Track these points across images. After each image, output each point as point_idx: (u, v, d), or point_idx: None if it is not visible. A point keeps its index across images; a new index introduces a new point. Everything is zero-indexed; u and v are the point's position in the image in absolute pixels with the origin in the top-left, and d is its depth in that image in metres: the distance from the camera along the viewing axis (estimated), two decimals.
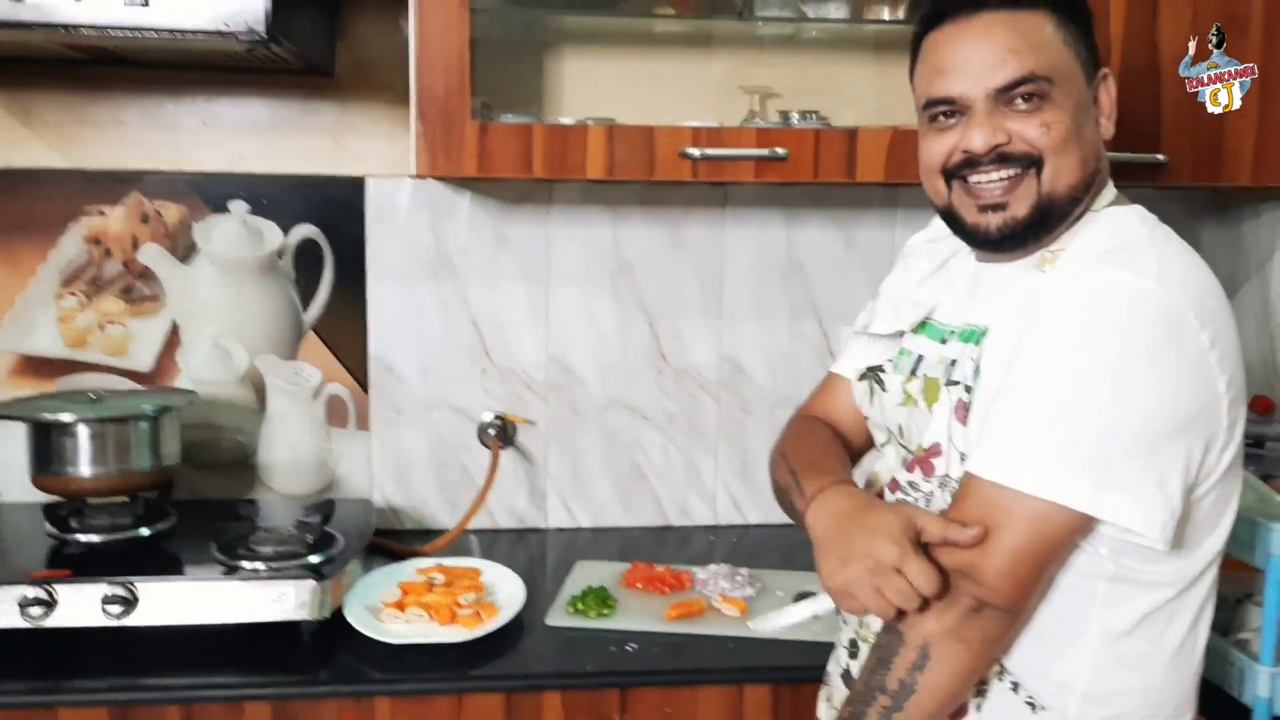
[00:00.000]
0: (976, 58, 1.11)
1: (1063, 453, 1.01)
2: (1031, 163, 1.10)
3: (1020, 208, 1.12)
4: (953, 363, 1.16)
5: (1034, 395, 1.03)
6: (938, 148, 1.16)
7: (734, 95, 1.90)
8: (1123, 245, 1.08)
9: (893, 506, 1.10)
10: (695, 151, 1.61)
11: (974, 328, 1.17)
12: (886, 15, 1.85)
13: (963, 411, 1.12)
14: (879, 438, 1.29)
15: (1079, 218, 1.15)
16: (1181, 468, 1.02)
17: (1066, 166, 1.10)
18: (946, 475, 1.14)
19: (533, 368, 2.02)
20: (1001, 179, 1.12)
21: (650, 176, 1.63)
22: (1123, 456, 1.00)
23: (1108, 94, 1.17)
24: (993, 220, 1.13)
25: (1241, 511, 1.14)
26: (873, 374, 1.27)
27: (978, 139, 1.11)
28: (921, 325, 1.26)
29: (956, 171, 1.14)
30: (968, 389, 1.12)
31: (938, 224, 1.31)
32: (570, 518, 2.07)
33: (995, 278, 1.19)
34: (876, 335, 1.31)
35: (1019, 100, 1.10)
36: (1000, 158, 1.11)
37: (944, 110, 1.14)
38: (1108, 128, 1.17)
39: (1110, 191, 1.17)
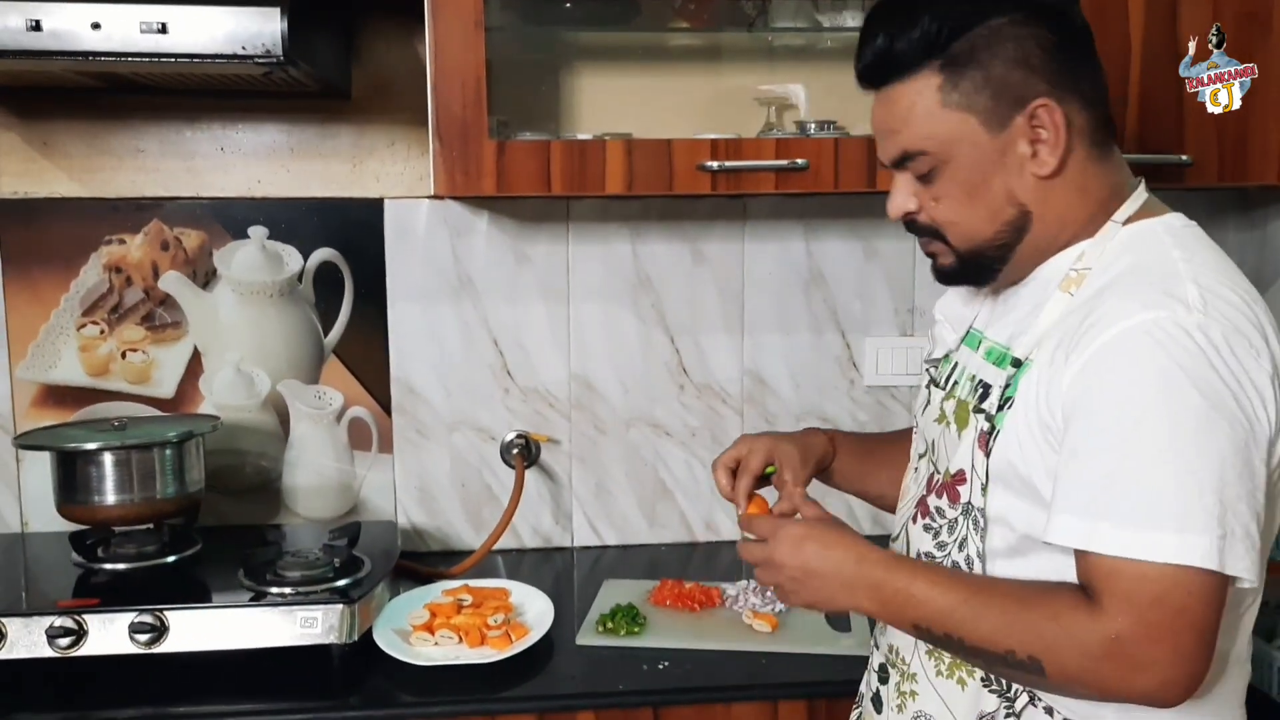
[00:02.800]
0: (877, 133, 1.16)
1: (1189, 514, 0.95)
2: (935, 234, 1.15)
3: (945, 260, 1.17)
4: (983, 389, 1.14)
5: (1126, 459, 0.97)
6: None
7: (750, 107, 1.89)
8: (1160, 274, 1.03)
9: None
10: (714, 164, 1.61)
11: (1000, 349, 1.15)
12: None
13: (984, 440, 1.10)
14: (919, 447, 1.27)
15: (1094, 230, 1.11)
16: (1259, 499, 0.98)
17: (966, 229, 1.12)
18: (969, 503, 1.12)
19: (555, 386, 2.01)
20: (926, 240, 1.18)
21: (669, 190, 1.62)
22: (1221, 505, 0.95)
23: (1051, 122, 1.07)
24: (933, 267, 1.20)
25: None
26: (934, 384, 1.27)
27: (889, 207, 1.17)
28: (966, 334, 1.25)
29: None
30: (989, 418, 1.10)
31: None
32: (596, 536, 2.06)
33: (1019, 288, 1.17)
34: (935, 362, 1.31)
35: (911, 171, 1.13)
36: (910, 224, 1.17)
37: None
38: (1049, 162, 1.07)
39: (1137, 199, 1.12)
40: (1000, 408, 1.09)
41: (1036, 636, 0.99)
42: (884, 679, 1.24)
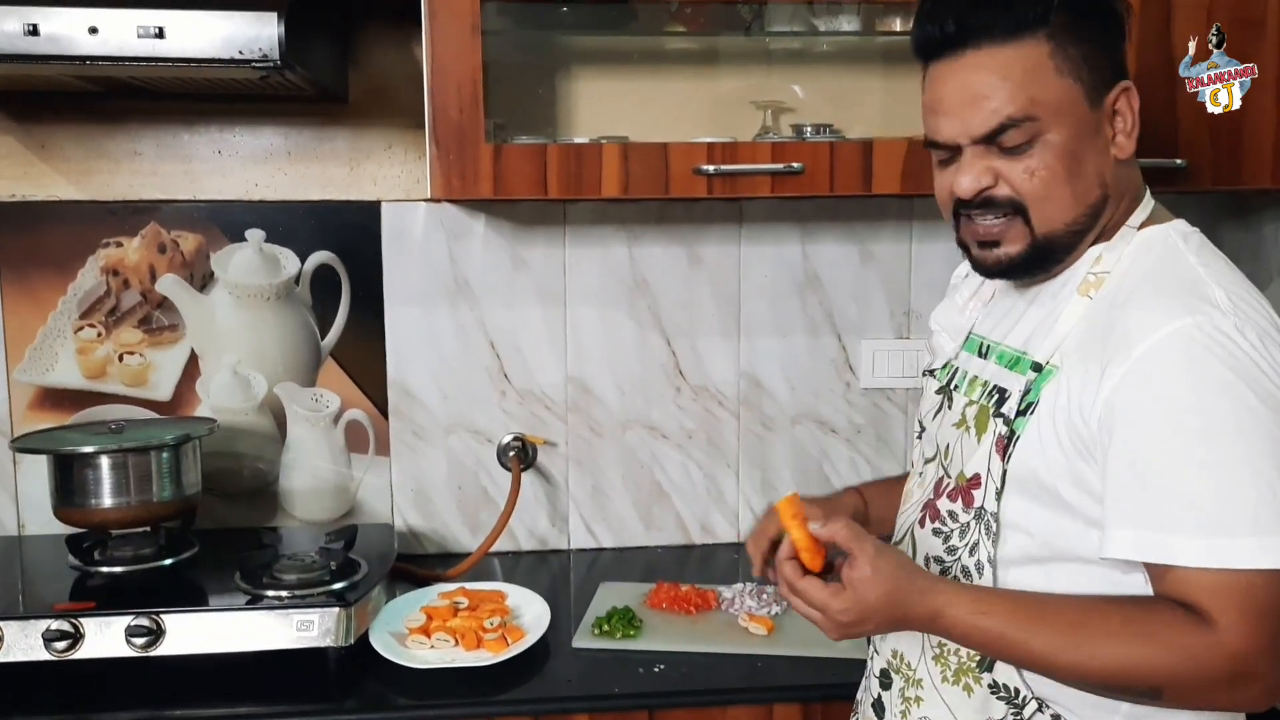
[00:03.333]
0: (961, 102, 1.08)
1: (1260, 516, 0.95)
2: (1017, 209, 1.09)
3: (1013, 247, 1.11)
4: (999, 394, 1.14)
5: (1188, 467, 0.97)
6: (941, 187, 1.15)
7: (747, 111, 1.89)
8: (1183, 279, 1.05)
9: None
10: (710, 168, 1.61)
11: (1014, 353, 1.15)
12: (898, 26, 1.84)
13: (1001, 445, 1.10)
14: (927, 453, 1.27)
15: (1111, 233, 1.12)
16: None
17: (1056, 208, 1.08)
18: (982, 508, 1.12)
19: (551, 388, 2.02)
20: (995, 223, 1.11)
21: (665, 194, 1.63)
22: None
23: (1129, 108, 1.10)
24: (988, 256, 1.13)
25: None
26: (947, 390, 1.27)
27: (963, 184, 1.10)
28: (966, 340, 1.25)
29: (958, 209, 1.13)
30: (1008, 423, 1.10)
31: None
32: (592, 538, 2.06)
33: (1028, 298, 1.18)
34: (934, 371, 1.32)
35: (1005, 143, 1.07)
36: (986, 202, 1.10)
37: (942, 152, 1.14)
38: (1125, 146, 1.10)
39: (1147, 205, 1.14)
40: (1021, 413, 1.09)
41: (1157, 670, 0.97)
42: (886, 684, 1.24)
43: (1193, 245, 1.10)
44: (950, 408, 1.24)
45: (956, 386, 1.24)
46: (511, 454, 1.99)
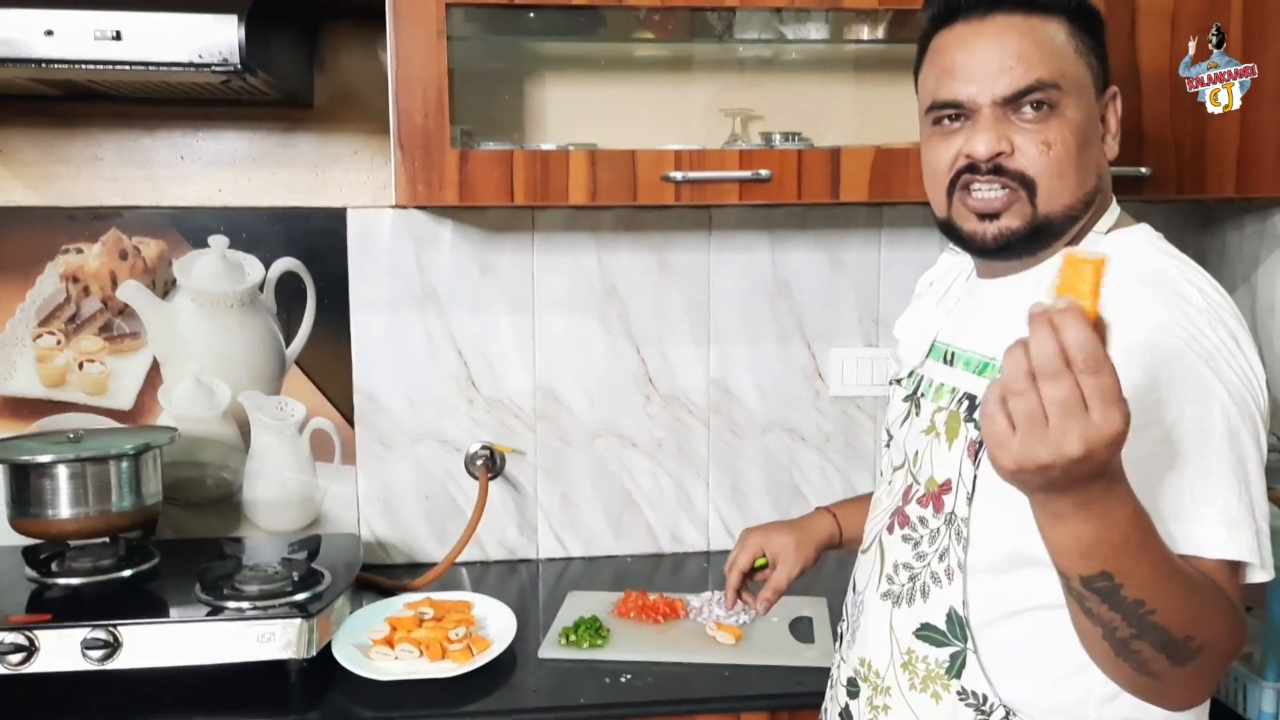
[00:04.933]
0: (986, 62, 1.08)
1: (1233, 510, 0.97)
2: (1025, 184, 1.08)
3: (1014, 221, 1.09)
4: (969, 400, 1.14)
5: (1174, 459, 0.97)
6: (943, 154, 1.12)
7: (716, 118, 1.89)
8: (1155, 278, 1.06)
9: None
10: (678, 175, 1.60)
11: (980, 358, 1.15)
12: (866, 35, 1.85)
13: (973, 450, 1.10)
14: (895, 460, 1.27)
15: (1079, 237, 1.13)
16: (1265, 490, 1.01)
17: (1061, 189, 1.08)
18: (953, 513, 1.11)
19: (520, 396, 2.00)
20: (999, 193, 1.09)
21: (633, 201, 1.62)
22: (1252, 501, 0.98)
23: (1114, 113, 1.14)
24: (989, 229, 1.10)
25: None
26: (914, 398, 1.26)
27: (980, 144, 1.08)
28: (930, 348, 1.25)
29: (957, 180, 1.11)
30: (978, 427, 1.10)
31: (944, 260, 1.30)
32: (561, 547, 2.05)
33: (997, 298, 1.17)
34: (900, 380, 1.31)
35: (1027, 108, 1.07)
36: (998, 169, 1.08)
37: (949, 113, 1.11)
38: (1113, 147, 1.14)
39: (1115, 211, 1.16)
40: None
41: (1210, 628, 0.93)
42: (853, 693, 1.23)
43: (1160, 246, 1.12)
44: (918, 415, 1.23)
45: (924, 394, 1.23)
46: (479, 463, 1.98)
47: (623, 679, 1.50)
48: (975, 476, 1.09)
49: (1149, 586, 0.88)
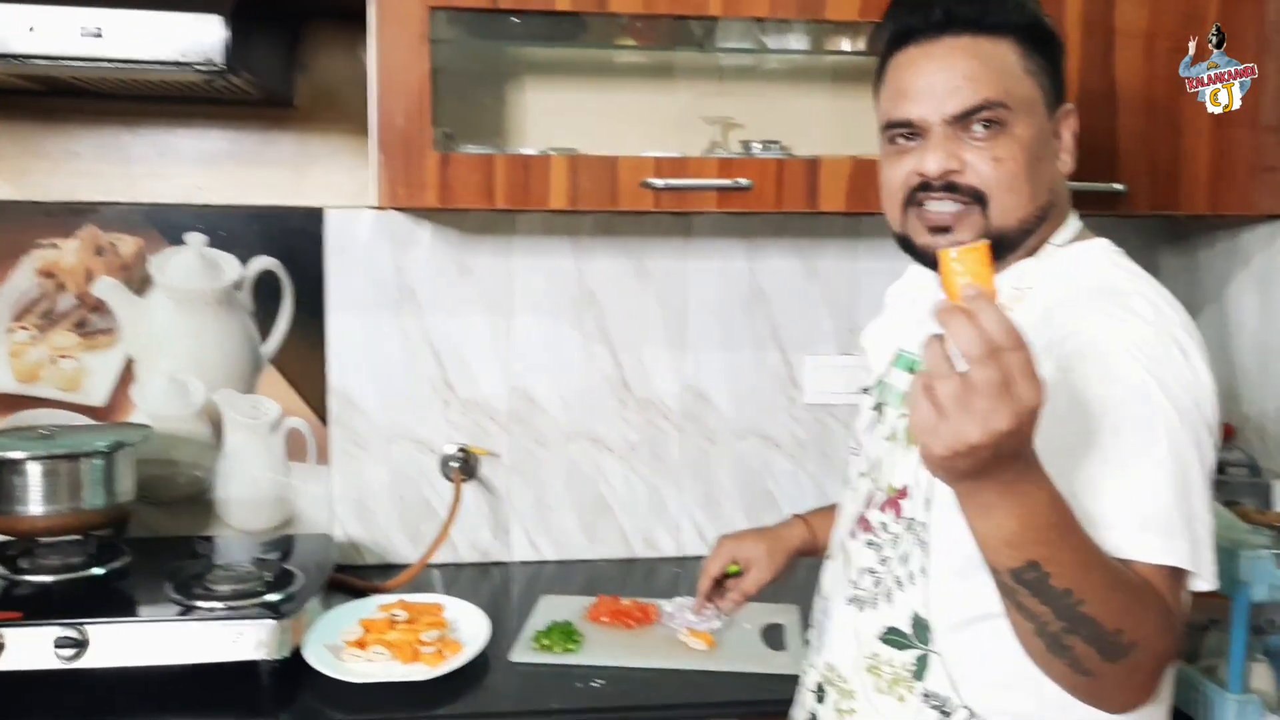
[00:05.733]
0: (936, 82, 1.12)
1: (1173, 519, 0.99)
2: (977, 198, 1.11)
3: (966, 234, 1.11)
4: None
5: (1107, 464, 1.00)
6: (897, 172, 1.16)
7: (696, 126, 1.90)
8: (1107, 290, 1.09)
9: None
10: (658, 181, 1.61)
11: None
12: (846, 46, 1.86)
13: None
14: (859, 468, 1.28)
15: (1035, 250, 1.15)
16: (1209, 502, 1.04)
17: (1014, 202, 1.11)
18: (912, 519, 1.13)
19: (495, 399, 2.01)
20: (950, 209, 1.12)
21: (613, 206, 1.63)
22: (1191, 511, 1.00)
23: (1070, 129, 1.17)
24: (940, 242, 1.13)
25: None
26: (879, 407, 1.28)
27: (931, 162, 1.11)
28: (896, 358, 1.26)
29: (911, 198, 1.15)
30: None
31: (912, 270, 1.32)
32: (534, 550, 2.05)
33: None
34: (868, 388, 1.33)
35: (977, 126, 1.10)
36: (949, 186, 1.11)
37: (903, 132, 1.15)
38: (1067, 162, 1.17)
39: (1073, 224, 1.19)
40: None
41: (1142, 625, 0.95)
42: (820, 698, 1.24)
43: (1116, 260, 1.15)
44: (882, 422, 1.26)
45: (887, 402, 1.26)
46: (454, 464, 1.98)
47: (595, 684, 1.50)
48: (931, 482, 1.11)
49: (1075, 574, 0.91)
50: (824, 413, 2.09)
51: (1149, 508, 0.99)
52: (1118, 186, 1.72)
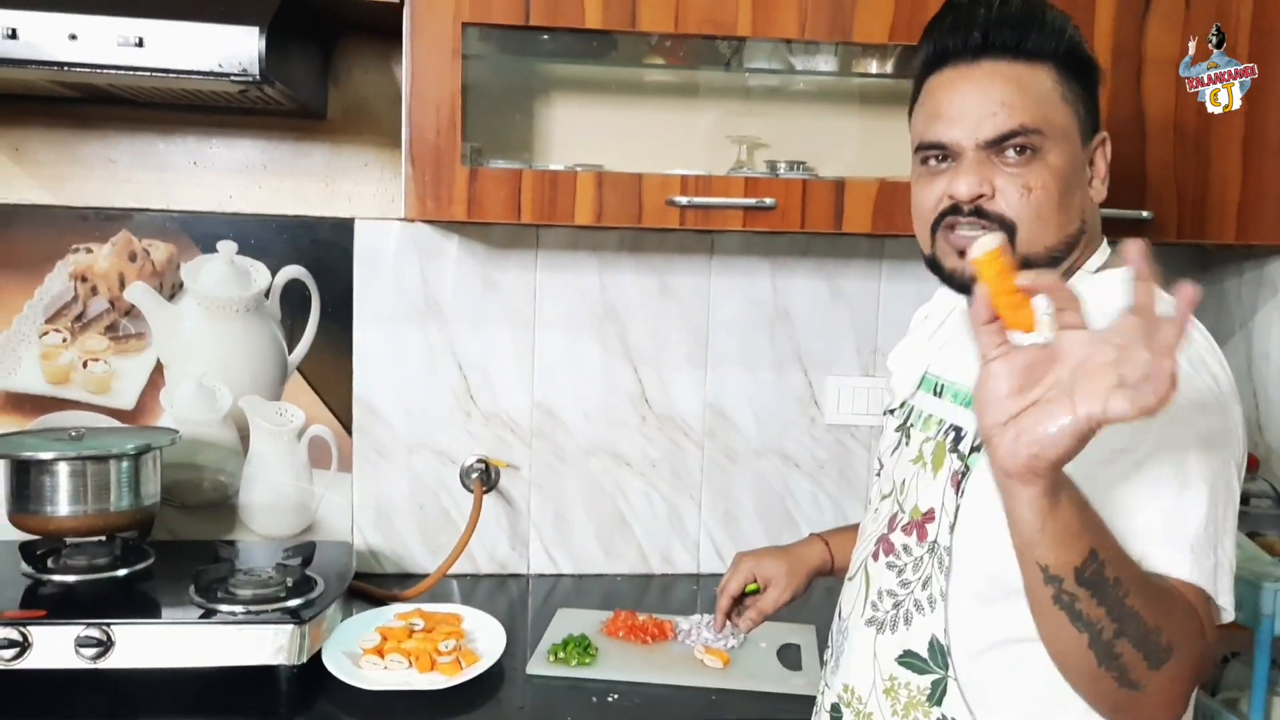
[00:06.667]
0: (971, 107, 1.11)
1: (1201, 541, 0.99)
2: (1005, 226, 1.10)
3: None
4: (955, 432, 1.16)
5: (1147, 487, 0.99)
6: (928, 194, 1.15)
7: (722, 145, 1.91)
8: None
9: None
10: (683, 199, 1.62)
11: (968, 391, 1.17)
12: (874, 69, 1.87)
13: (956, 480, 1.12)
14: (884, 489, 1.28)
15: (1065, 277, 1.15)
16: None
17: (1041, 231, 1.10)
18: (935, 542, 1.13)
19: (517, 412, 2.02)
20: (978, 234, 1.10)
21: (638, 223, 1.64)
22: (1216, 534, 1.00)
23: (1103, 157, 1.17)
24: (967, 268, 1.13)
25: None
26: (904, 429, 1.28)
27: (962, 186, 1.11)
28: (921, 380, 1.27)
29: (941, 220, 1.14)
30: (962, 458, 1.12)
31: (940, 294, 1.32)
32: (552, 564, 2.06)
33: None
34: (893, 410, 1.33)
35: (1010, 152, 1.10)
36: (979, 211, 1.11)
37: (936, 154, 1.15)
38: (1100, 190, 1.16)
39: (1105, 252, 1.18)
40: (975, 449, 1.11)
41: (1176, 626, 0.93)
42: (836, 719, 1.24)
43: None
44: (908, 444, 1.25)
45: (913, 424, 1.26)
46: (474, 476, 1.99)
47: (610, 698, 1.51)
48: (958, 506, 1.10)
49: (1118, 558, 0.89)
50: (845, 434, 2.09)
51: (1179, 527, 0.97)
52: (1145, 214, 1.71)
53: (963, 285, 1.15)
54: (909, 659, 1.14)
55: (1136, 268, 0.80)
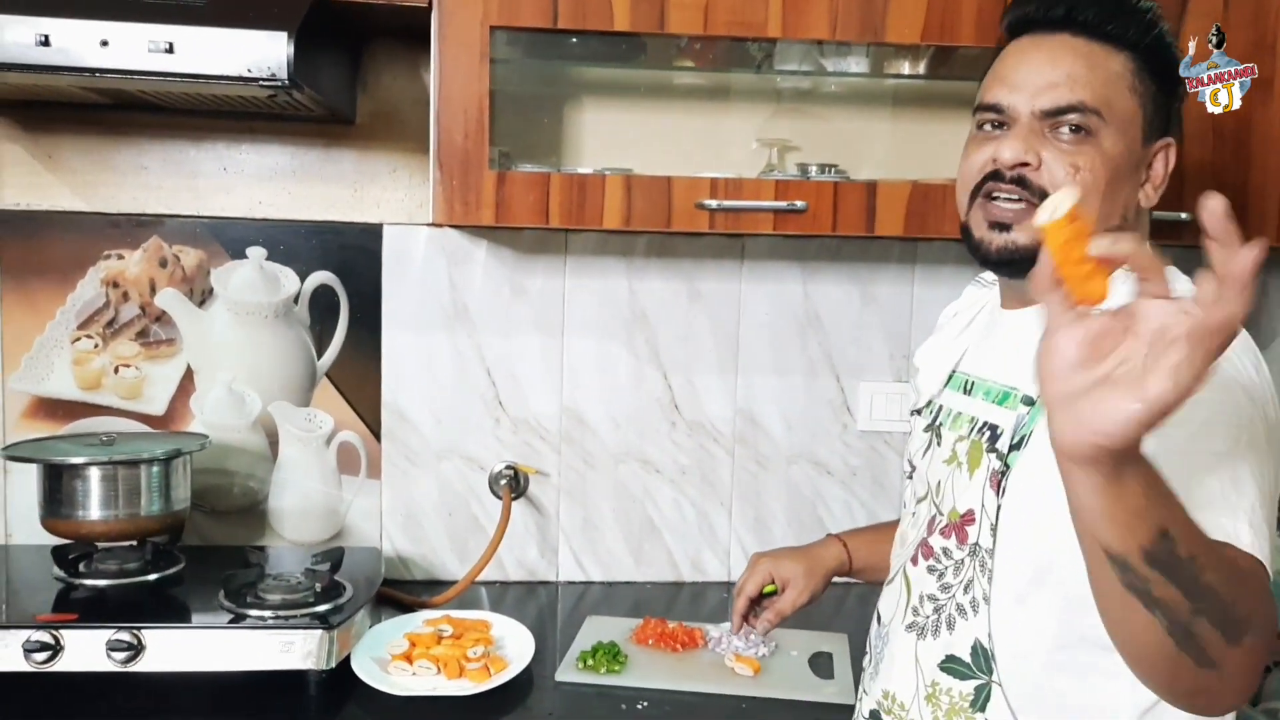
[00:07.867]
0: (1036, 74, 1.10)
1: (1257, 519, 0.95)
2: (1045, 198, 1.08)
3: (1022, 236, 1.09)
4: (991, 430, 1.14)
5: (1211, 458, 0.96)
6: (975, 158, 1.14)
7: (753, 148, 1.90)
8: None
9: None
10: (712, 203, 1.61)
11: (1001, 388, 1.15)
12: (906, 70, 1.85)
13: (996, 480, 1.10)
14: (918, 491, 1.27)
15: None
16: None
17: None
18: (976, 544, 1.11)
19: (546, 418, 2.01)
20: (1015, 206, 1.10)
21: (667, 227, 1.63)
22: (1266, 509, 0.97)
23: (1164, 163, 1.14)
24: (995, 240, 1.12)
25: None
26: (934, 428, 1.26)
27: (1007, 150, 1.09)
28: (949, 378, 1.25)
29: (982, 186, 1.12)
30: (1001, 458, 1.10)
31: (968, 292, 1.30)
32: (581, 571, 2.05)
33: (1019, 327, 1.16)
34: (919, 410, 1.31)
35: (1065, 129, 1.08)
36: (1020, 180, 1.09)
37: (991, 119, 1.13)
38: (1151, 196, 1.14)
39: None
40: (1014, 447, 1.09)
41: (1248, 597, 0.88)
42: None
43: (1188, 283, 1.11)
44: (939, 445, 1.23)
45: (943, 424, 1.24)
46: (503, 482, 1.98)
47: (639, 706, 1.49)
48: (999, 507, 1.08)
49: (1189, 533, 0.82)
50: (878, 439, 2.07)
51: (1236, 498, 0.94)
52: (1182, 215, 1.69)
53: (985, 258, 1.14)
54: (951, 664, 1.13)
55: (1218, 229, 0.72)
